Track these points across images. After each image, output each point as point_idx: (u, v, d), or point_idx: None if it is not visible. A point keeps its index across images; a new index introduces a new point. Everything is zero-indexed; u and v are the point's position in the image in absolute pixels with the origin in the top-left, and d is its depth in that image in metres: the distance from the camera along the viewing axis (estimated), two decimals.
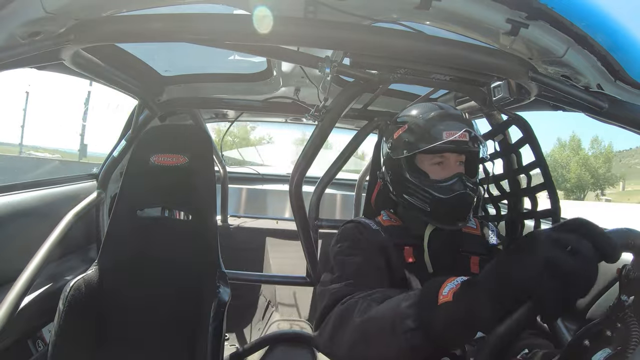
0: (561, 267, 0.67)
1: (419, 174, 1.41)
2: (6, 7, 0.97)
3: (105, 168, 2.30)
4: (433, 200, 1.37)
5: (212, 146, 2.06)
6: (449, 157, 1.38)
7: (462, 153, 1.40)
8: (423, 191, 1.39)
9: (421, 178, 1.40)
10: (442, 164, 1.39)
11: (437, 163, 1.39)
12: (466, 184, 1.36)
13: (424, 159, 1.41)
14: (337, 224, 1.95)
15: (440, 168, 1.39)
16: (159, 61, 2.14)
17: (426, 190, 1.38)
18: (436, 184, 1.37)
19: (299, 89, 2.43)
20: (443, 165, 1.39)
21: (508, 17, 1.01)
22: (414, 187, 1.41)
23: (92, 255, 2.24)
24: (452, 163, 1.38)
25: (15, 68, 1.19)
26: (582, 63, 1.03)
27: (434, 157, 1.39)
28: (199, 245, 1.92)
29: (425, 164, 1.41)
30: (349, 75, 1.65)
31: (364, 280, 1.23)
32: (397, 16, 1.16)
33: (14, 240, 1.67)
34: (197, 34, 1.21)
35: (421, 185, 1.39)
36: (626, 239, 0.83)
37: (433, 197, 1.37)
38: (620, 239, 0.83)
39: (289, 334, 2.44)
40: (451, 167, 1.38)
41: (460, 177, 1.36)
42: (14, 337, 1.55)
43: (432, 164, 1.40)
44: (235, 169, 4.26)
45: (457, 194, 1.35)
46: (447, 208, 1.37)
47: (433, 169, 1.40)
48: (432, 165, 1.40)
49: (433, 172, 1.39)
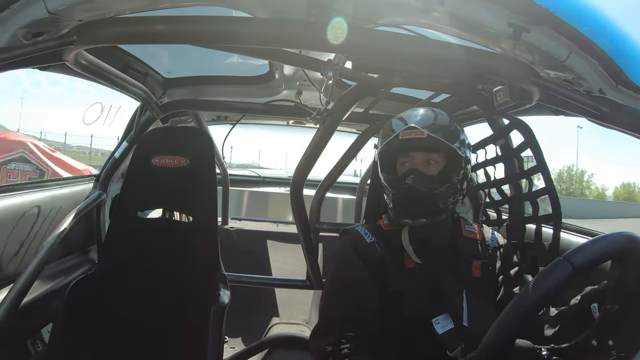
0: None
1: (388, 174, 1.48)
2: (9, 8, 0.97)
3: (106, 169, 2.30)
4: (390, 195, 1.47)
5: (213, 148, 2.06)
6: (413, 156, 1.44)
7: (416, 150, 1.44)
8: (386, 188, 1.48)
9: (387, 177, 1.48)
10: (408, 163, 1.45)
11: (403, 163, 1.46)
12: (417, 178, 1.39)
13: (395, 161, 1.49)
14: (338, 227, 1.95)
15: (406, 168, 1.45)
16: (162, 63, 2.14)
17: (386, 186, 1.47)
18: (392, 180, 1.45)
19: (301, 92, 2.43)
20: (409, 165, 1.44)
21: (510, 21, 1.01)
22: (384, 186, 1.50)
23: (92, 256, 2.24)
24: (417, 162, 1.43)
25: (17, 68, 1.19)
26: (584, 68, 1.03)
27: (401, 157, 1.46)
28: (199, 247, 1.91)
29: (397, 165, 1.48)
30: (350, 78, 1.66)
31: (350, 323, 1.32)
32: (399, 20, 1.16)
33: (14, 240, 1.67)
34: (200, 37, 1.22)
35: (385, 183, 1.48)
36: (602, 250, 0.86)
37: (389, 192, 1.46)
38: (596, 251, 0.86)
39: (289, 337, 2.43)
40: (415, 165, 1.43)
41: (413, 172, 1.40)
42: (13, 338, 1.55)
43: (400, 164, 1.47)
44: (236, 171, 4.26)
45: (405, 187, 1.40)
46: (399, 201, 1.44)
47: (401, 169, 1.47)
48: (400, 166, 1.47)
49: (400, 171, 1.47)
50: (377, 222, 1.57)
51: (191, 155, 1.92)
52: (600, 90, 1.06)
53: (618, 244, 0.93)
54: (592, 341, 0.92)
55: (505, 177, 1.77)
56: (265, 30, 1.15)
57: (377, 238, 1.49)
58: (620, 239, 0.93)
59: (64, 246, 1.84)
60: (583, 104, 1.11)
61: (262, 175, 4.49)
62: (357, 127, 3.12)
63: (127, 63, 1.88)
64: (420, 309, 1.36)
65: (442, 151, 1.44)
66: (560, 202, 1.48)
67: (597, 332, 0.93)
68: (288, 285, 2.66)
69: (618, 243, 0.93)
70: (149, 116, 2.25)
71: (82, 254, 2.19)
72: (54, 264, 1.87)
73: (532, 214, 1.63)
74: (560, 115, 1.52)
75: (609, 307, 0.97)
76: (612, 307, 0.96)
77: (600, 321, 0.97)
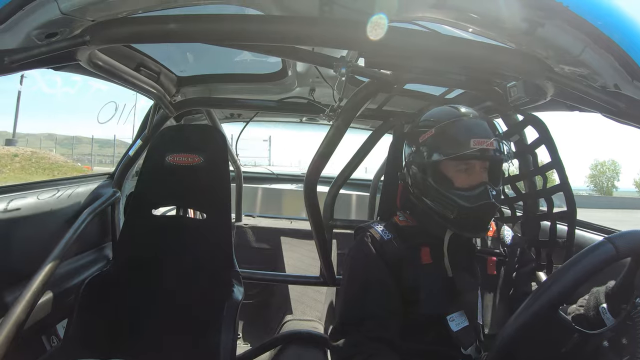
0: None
1: (444, 180, 1.39)
2: (23, 9, 0.99)
3: (121, 167, 2.33)
4: (457, 208, 1.35)
5: (227, 146, 2.07)
6: (474, 165, 1.36)
7: (488, 161, 1.38)
8: (447, 198, 1.37)
9: (446, 184, 1.38)
10: (467, 171, 1.37)
11: (462, 170, 1.37)
12: (491, 193, 1.34)
13: (448, 165, 1.38)
14: (352, 224, 1.94)
15: (465, 175, 1.37)
16: (175, 62, 2.16)
17: (450, 197, 1.36)
18: (461, 192, 1.35)
19: (314, 89, 2.43)
20: (468, 173, 1.37)
21: (524, 16, 1.00)
22: (437, 193, 1.39)
23: (107, 253, 2.27)
24: (477, 170, 1.36)
25: (32, 69, 1.21)
26: (599, 62, 1.01)
27: (459, 163, 1.37)
28: (213, 244, 1.92)
29: (450, 170, 1.38)
30: (364, 75, 1.65)
31: (371, 322, 1.32)
32: (412, 15, 1.16)
33: (31, 238, 1.70)
34: (212, 35, 1.22)
35: (445, 192, 1.37)
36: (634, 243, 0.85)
37: (458, 205, 1.35)
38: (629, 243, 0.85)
39: (302, 333, 2.43)
40: (476, 174, 1.36)
41: (486, 186, 1.34)
42: (29, 333, 1.57)
43: (457, 170, 1.38)
44: (249, 168, 4.28)
45: (482, 203, 1.33)
46: (472, 217, 1.36)
47: (458, 176, 1.37)
48: (457, 172, 1.38)
49: (458, 179, 1.37)
50: (391, 219, 1.57)
51: (205, 153, 1.93)
52: (615, 86, 1.04)
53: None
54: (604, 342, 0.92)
55: (520, 174, 1.75)
56: (278, 28, 1.15)
57: (395, 235, 1.48)
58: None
59: (79, 243, 1.86)
60: (598, 100, 1.10)
61: (276, 172, 4.50)
62: (371, 124, 3.11)
63: (141, 62, 1.89)
64: (436, 305, 1.35)
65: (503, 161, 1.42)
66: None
67: (613, 330, 0.93)
68: (301, 282, 2.66)
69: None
70: (163, 114, 2.27)
71: (97, 251, 2.22)
72: (69, 261, 1.90)
73: (546, 211, 1.62)
74: (575, 111, 1.50)
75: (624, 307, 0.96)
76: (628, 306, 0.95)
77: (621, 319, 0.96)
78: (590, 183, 60.72)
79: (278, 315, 2.89)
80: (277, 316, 2.89)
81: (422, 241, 1.44)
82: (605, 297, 1.09)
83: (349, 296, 1.44)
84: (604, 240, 0.92)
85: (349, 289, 1.46)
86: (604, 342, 0.96)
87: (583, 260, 0.93)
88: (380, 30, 1.11)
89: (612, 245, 0.91)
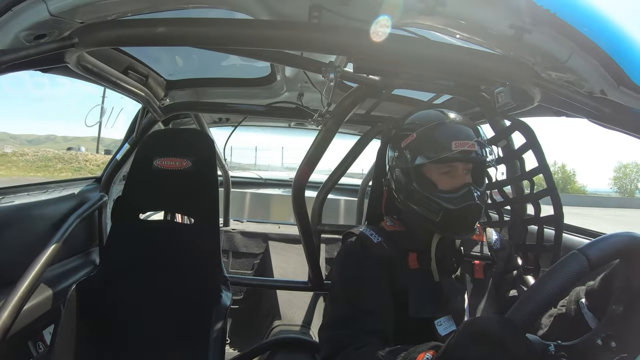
0: None
1: (427, 184, 1.38)
2: (11, 10, 0.98)
3: (108, 171, 2.31)
4: (442, 211, 1.35)
5: (215, 150, 2.06)
6: (457, 167, 1.36)
7: (471, 162, 1.38)
8: (431, 201, 1.37)
9: (429, 188, 1.38)
10: (450, 173, 1.37)
11: (445, 173, 1.37)
12: (475, 194, 1.34)
13: (432, 169, 1.38)
14: (340, 229, 1.94)
15: (448, 177, 1.37)
16: (163, 65, 2.15)
17: (435, 200, 1.36)
18: (445, 195, 1.35)
19: (303, 94, 2.43)
20: (451, 175, 1.37)
21: (511, 22, 1.01)
22: (422, 197, 1.39)
23: (94, 258, 2.24)
24: (460, 172, 1.36)
25: (19, 70, 1.20)
26: (586, 69, 1.03)
27: (442, 166, 1.37)
28: (201, 249, 1.91)
29: (434, 173, 1.38)
30: (352, 80, 1.65)
31: (365, 316, 1.30)
32: (402, 22, 1.16)
33: (16, 242, 1.67)
34: (201, 39, 1.21)
35: (430, 196, 1.37)
36: (615, 246, 0.85)
37: (442, 208, 1.35)
38: (610, 246, 0.86)
39: (290, 339, 2.42)
40: (459, 176, 1.36)
41: (469, 187, 1.34)
42: (14, 339, 1.55)
43: (441, 173, 1.37)
44: (237, 173, 4.27)
45: (466, 204, 1.33)
46: (457, 219, 1.35)
47: (441, 179, 1.37)
48: (441, 175, 1.37)
49: (441, 182, 1.37)
50: (379, 224, 1.57)
51: (193, 157, 1.92)
52: (601, 91, 1.06)
53: (627, 243, 0.92)
54: (597, 340, 0.91)
55: (507, 179, 1.77)
56: (267, 32, 1.15)
57: (384, 238, 1.48)
58: (628, 238, 0.92)
59: (66, 248, 1.83)
60: (585, 105, 1.11)
61: (264, 177, 4.49)
62: (359, 129, 3.12)
63: (129, 65, 1.88)
64: (423, 310, 1.35)
65: (485, 162, 1.41)
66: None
67: (603, 331, 0.93)
68: (290, 287, 2.65)
69: (627, 241, 0.92)
70: (151, 118, 2.25)
71: (84, 256, 2.19)
72: (56, 265, 1.88)
73: (533, 215, 1.63)
74: (562, 117, 1.51)
75: (614, 308, 0.96)
76: (617, 307, 0.96)
77: (606, 321, 0.97)
78: (614, 185, 61.85)
79: (266, 321, 2.88)
80: (266, 321, 2.88)
81: (409, 247, 1.44)
82: (586, 294, 1.10)
83: (339, 294, 1.42)
84: (576, 252, 0.91)
85: (339, 288, 1.44)
86: (598, 340, 0.96)
87: (555, 275, 0.91)
88: (369, 36, 1.12)
89: (584, 256, 0.90)
